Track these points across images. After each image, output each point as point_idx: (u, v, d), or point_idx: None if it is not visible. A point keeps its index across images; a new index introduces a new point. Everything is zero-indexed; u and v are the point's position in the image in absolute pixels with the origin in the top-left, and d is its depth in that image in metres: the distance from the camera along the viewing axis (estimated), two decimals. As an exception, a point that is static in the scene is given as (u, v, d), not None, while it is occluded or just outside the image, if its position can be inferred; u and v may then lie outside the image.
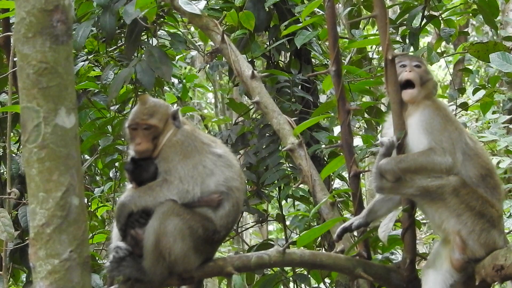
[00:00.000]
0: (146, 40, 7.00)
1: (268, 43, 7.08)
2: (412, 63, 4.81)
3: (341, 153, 5.30)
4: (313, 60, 7.27)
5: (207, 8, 6.57)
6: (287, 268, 6.63)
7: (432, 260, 4.76)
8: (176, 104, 8.21)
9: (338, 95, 5.11)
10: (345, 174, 6.28)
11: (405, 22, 6.62)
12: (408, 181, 4.54)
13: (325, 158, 6.90)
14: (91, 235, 7.41)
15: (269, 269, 6.65)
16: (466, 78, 12.59)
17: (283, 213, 7.37)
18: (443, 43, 8.09)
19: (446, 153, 4.51)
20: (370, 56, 7.78)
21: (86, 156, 7.67)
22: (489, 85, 7.54)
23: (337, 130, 6.84)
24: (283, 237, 7.80)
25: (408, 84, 4.71)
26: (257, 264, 4.74)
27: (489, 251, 4.54)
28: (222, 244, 5.42)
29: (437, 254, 4.75)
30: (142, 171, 4.58)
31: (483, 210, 4.52)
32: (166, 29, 7.30)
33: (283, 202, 7.29)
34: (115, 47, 7.36)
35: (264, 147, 6.81)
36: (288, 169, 6.68)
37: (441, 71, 16.64)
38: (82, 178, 3.11)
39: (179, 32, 6.97)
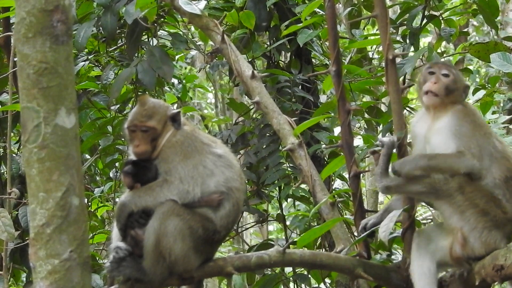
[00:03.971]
0: (146, 40, 7.00)
1: (268, 43, 7.09)
2: (441, 72, 4.76)
3: (342, 153, 5.30)
4: (313, 60, 7.27)
5: (207, 7, 6.57)
6: (287, 268, 6.63)
7: (433, 242, 4.73)
8: (176, 104, 8.22)
9: (338, 95, 5.11)
10: (346, 174, 6.28)
11: (405, 22, 6.62)
12: (415, 178, 4.55)
13: (325, 158, 6.90)
14: (91, 235, 7.40)
15: (269, 269, 6.64)
16: (466, 78, 12.57)
17: (283, 213, 7.37)
18: (444, 43, 8.09)
19: (475, 158, 4.53)
20: (370, 56, 7.78)
21: (86, 156, 7.67)
22: (489, 85, 7.53)
23: (337, 130, 6.84)
24: (283, 237, 7.79)
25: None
26: (257, 264, 4.74)
27: (490, 250, 4.54)
28: (222, 244, 5.42)
29: (439, 239, 4.72)
30: (146, 172, 4.58)
31: (487, 208, 4.53)
32: (166, 29, 7.30)
33: (284, 202, 7.29)
34: (115, 47, 7.36)
35: (264, 147, 6.81)
36: (288, 169, 6.68)
37: (441, 71, 16.60)
38: (82, 178, 3.11)
39: (180, 32, 6.97)
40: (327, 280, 7.01)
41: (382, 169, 4.63)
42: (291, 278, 6.79)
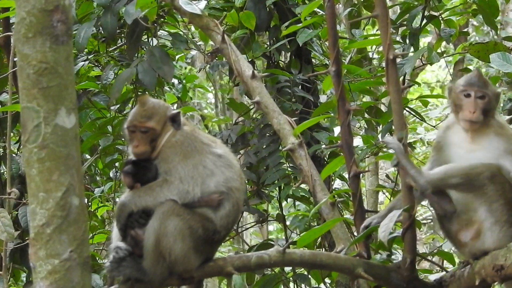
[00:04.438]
0: (146, 40, 7.00)
1: (268, 43, 7.09)
2: (477, 94, 4.68)
3: (341, 153, 5.30)
4: (313, 60, 7.27)
5: (207, 7, 6.57)
6: (287, 268, 6.63)
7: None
8: (176, 104, 8.22)
9: (338, 95, 5.11)
10: (346, 174, 6.28)
11: (405, 22, 6.62)
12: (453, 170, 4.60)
13: (325, 158, 6.90)
14: (91, 235, 7.40)
15: (269, 269, 6.64)
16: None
17: (283, 213, 7.37)
18: (443, 43, 8.10)
19: None
20: (370, 56, 7.77)
21: (87, 156, 7.67)
22: (489, 85, 7.52)
23: (337, 130, 6.84)
24: (283, 237, 7.79)
25: None
26: (257, 264, 4.74)
27: (499, 247, 4.55)
28: (222, 244, 5.42)
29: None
30: (146, 172, 4.58)
31: None
32: (166, 29, 7.30)
33: (284, 202, 7.29)
34: (115, 47, 7.36)
35: (264, 147, 6.81)
36: (289, 169, 6.68)
37: (441, 71, 16.62)
38: (82, 178, 3.11)
39: (180, 32, 6.97)
40: (327, 280, 7.01)
41: (412, 168, 4.63)
42: (291, 278, 6.79)
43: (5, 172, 6.85)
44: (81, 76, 7.21)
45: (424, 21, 6.62)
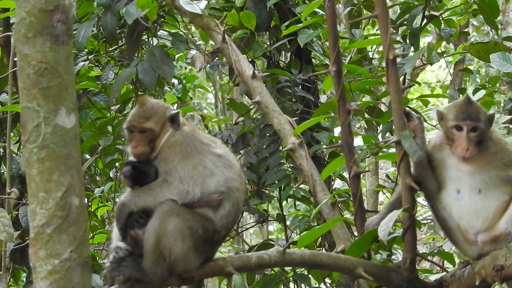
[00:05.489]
0: (147, 40, 7.00)
1: (268, 43, 7.09)
2: (469, 128, 4.46)
3: (342, 153, 5.30)
4: (313, 60, 7.27)
5: (208, 7, 6.58)
6: (287, 268, 6.63)
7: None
8: (176, 105, 8.23)
9: (338, 95, 5.10)
10: (346, 174, 6.28)
11: (405, 22, 6.62)
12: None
13: (325, 158, 6.90)
14: (91, 235, 7.40)
15: (269, 269, 6.64)
16: (466, 78, 12.60)
17: (284, 213, 7.37)
18: (444, 43, 8.10)
19: None
20: (370, 56, 7.78)
21: (86, 156, 7.67)
22: (490, 85, 7.54)
23: (338, 130, 6.84)
24: (283, 237, 7.79)
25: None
26: (257, 264, 4.74)
27: None
28: (222, 244, 5.42)
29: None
30: (146, 175, 4.57)
31: None
32: (167, 29, 7.30)
33: (284, 202, 7.29)
34: (115, 47, 7.36)
35: (264, 147, 6.81)
36: (289, 169, 6.68)
37: (441, 71, 16.63)
38: (82, 178, 3.11)
39: (180, 32, 6.97)
40: (327, 280, 7.01)
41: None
42: (291, 278, 6.79)
43: (5, 172, 6.85)
44: (81, 76, 7.21)
45: (424, 21, 6.62)
